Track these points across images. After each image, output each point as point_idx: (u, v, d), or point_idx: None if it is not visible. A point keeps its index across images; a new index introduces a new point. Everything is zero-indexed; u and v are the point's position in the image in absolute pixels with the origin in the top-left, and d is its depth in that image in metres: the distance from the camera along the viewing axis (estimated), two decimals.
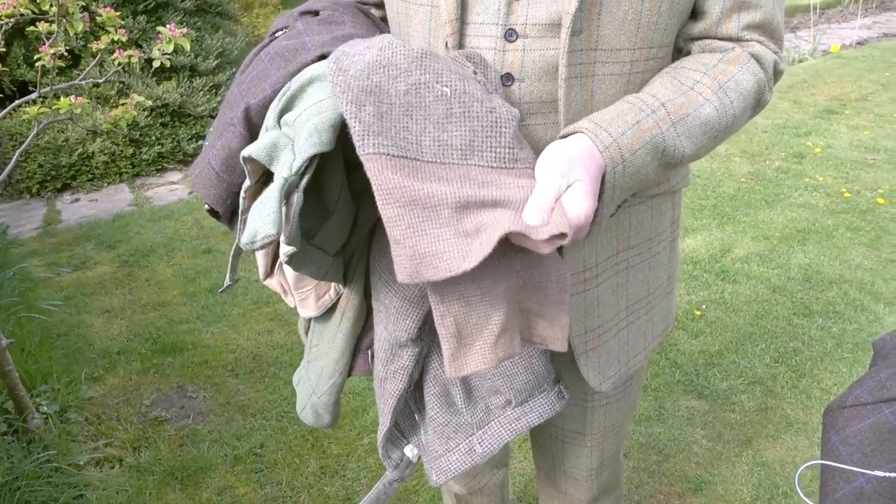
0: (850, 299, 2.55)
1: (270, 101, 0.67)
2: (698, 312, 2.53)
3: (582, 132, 0.66)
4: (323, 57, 0.67)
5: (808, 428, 1.95)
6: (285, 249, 0.62)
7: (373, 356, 0.85)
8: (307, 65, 0.66)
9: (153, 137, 4.35)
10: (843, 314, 2.47)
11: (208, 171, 0.71)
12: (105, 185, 4.24)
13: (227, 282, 0.80)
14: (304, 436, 2.02)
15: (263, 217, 0.56)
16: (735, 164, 3.89)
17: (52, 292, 2.90)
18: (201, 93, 4.51)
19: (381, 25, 0.81)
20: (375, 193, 0.54)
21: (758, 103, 0.77)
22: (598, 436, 0.97)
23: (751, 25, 0.75)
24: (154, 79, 4.32)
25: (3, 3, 1.55)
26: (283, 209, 0.57)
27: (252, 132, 0.69)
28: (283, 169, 0.58)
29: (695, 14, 0.77)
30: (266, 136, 0.62)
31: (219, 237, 3.41)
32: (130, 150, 4.27)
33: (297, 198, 0.58)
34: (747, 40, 0.76)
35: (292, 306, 0.83)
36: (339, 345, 0.80)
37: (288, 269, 0.76)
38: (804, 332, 2.39)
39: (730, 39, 0.76)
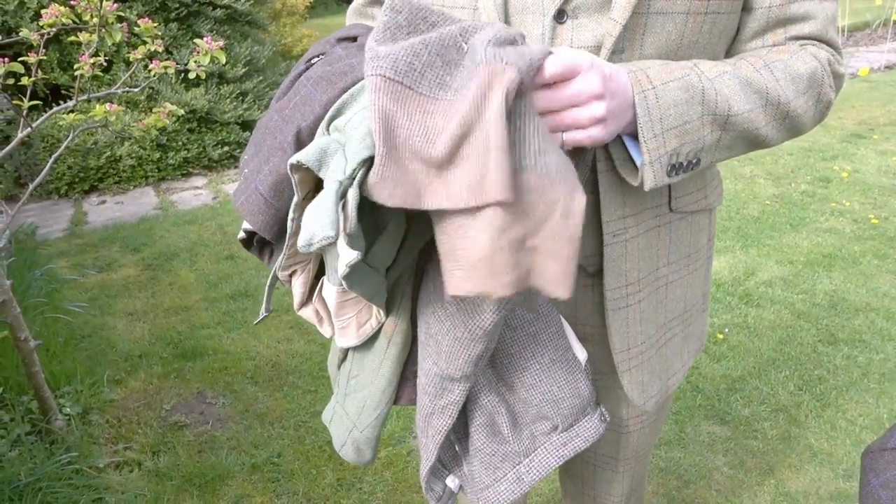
0: (876, 328, 2.51)
1: (321, 120, 0.66)
2: (721, 336, 2.50)
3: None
4: None
5: (833, 459, 1.92)
6: (347, 259, 0.60)
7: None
8: (357, 81, 0.65)
9: (180, 143, 4.42)
10: (870, 343, 2.43)
11: (256, 197, 0.69)
12: (131, 188, 4.31)
13: (262, 313, 0.79)
14: (321, 447, 2.02)
15: (321, 219, 0.55)
16: (760, 186, 3.85)
17: (78, 293, 2.94)
18: (228, 100, 4.58)
19: None
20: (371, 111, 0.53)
21: (819, 95, 0.73)
22: (630, 461, 0.96)
23: (800, 37, 0.74)
24: (182, 85, 4.39)
25: (46, 13, 1.59)
26: (341, 212, 0.55)
27: None
28: (337, 173, 0.57)
29: (738, 31, 0.76)
30: (315, 142, 0.61)
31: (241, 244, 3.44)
32: (157, 155, 4.34)
33: (353, 195, 0.56)
34: (802, 44, 0.74)
35: (328, 336, 0.80)
36: (387, 373, 0.77)
37: (329, 295, 0.75)
38: (829, 360, 2.35)
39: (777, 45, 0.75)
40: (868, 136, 4.62)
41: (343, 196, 0.56)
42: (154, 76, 1.77)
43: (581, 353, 0.78)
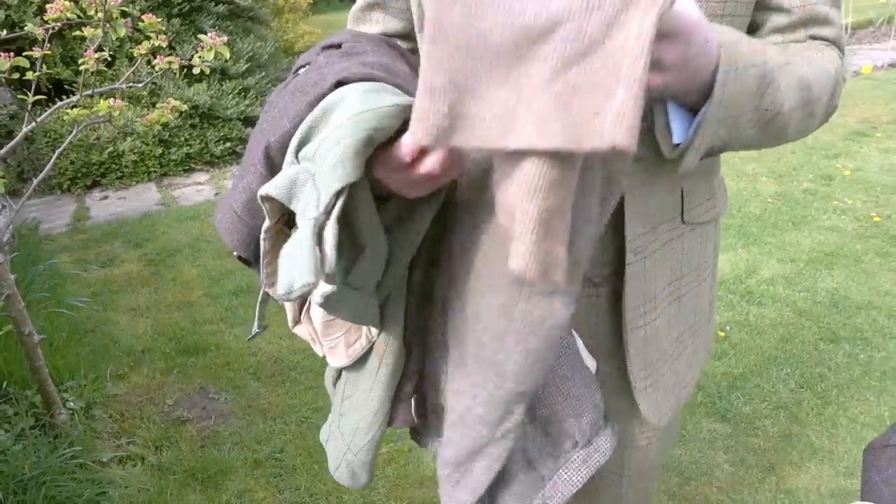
0: (878, 326, 2.51)
1: (290, 136, 0.62)
2: (722, 334, 2.50)
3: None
4: (340, 83, 0.62)
5: (834, 457, 1.92)
6: (322, 290, 0.58)
7: (417, 404, 0.79)
8: (325, 93, 0.62)
9: (182, 138, 4.42)
10: (871, 341, 2.43)
11: (230, 215, 0.66)
12: (133, 183, 4.32)
13: (255, 329, 0.75)
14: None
15: (299, 265, 0.53)
16: (762, 184, 3.85)
17: (81, 288, 2.95)
18: (230, 96, 4.58)
19: (408, 55, 0.78)
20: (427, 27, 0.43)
21: (831, 98, 0.70)
22: (635, 478, 0.94)
23: (817, 37, 0.73)
24: (185, 80, 4.39)
25: (51, 7, 1.59)
26: (317, 251, 0.53)
27: (272, 171, 0.64)
28: (310, 209, 0.54)
29: (757, 27, 0.73)
30: (284, 172, 0.58)
31: None
32: (159, 150, 4.34)
33: (331, 233, 0.53)
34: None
35: (321, 355, 0.78)
36: (378, 394, 0.74)
37: (316, 316, 0.72)
38: (830, 357, 2.35)
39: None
40: (871, 133, 4.61)
41: (319, 233, 0.53)
42: (158, 72, 1.77)
43: (591, 363, 0.76)
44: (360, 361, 0.75)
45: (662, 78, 0.51)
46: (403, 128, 0.54)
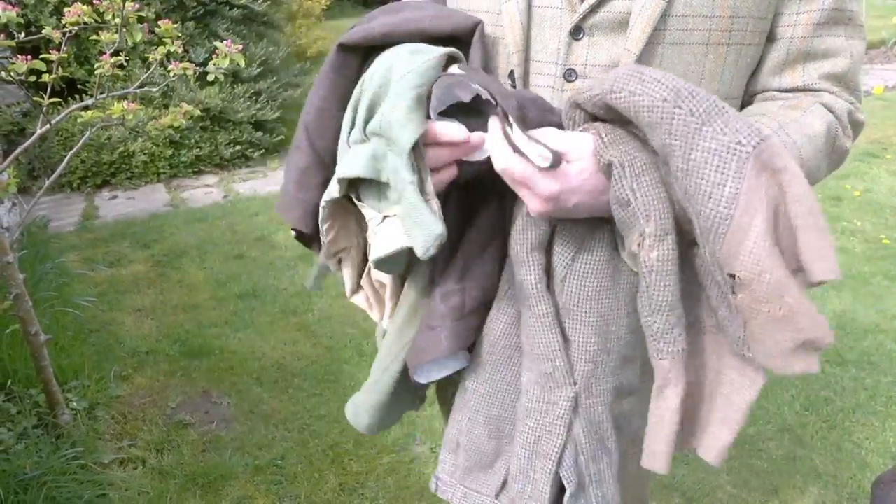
0: (885, 350, 2.49)
1: (320, 109, 0.71)
2: None
3: None
4: (341, 45, 0.70)
5: (838, 482, 1.91)
6: (436, 231, 0.61)
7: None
8: (333, 62, 0.71)
9: (192, 140, 4.44)
10: (878, 365, 2.41)
11: (287, 196, 0.74)
12: (143, 183, 4.34)
13: (311, 282, 0.82)
14: (324, 451, 2.02)
15: (426, 223, 0.58)
16: None
17: (87, 288, 2.96)
18: (242, 99, 4.60)
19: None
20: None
21: (832, 149, 0.70)
22: (628, 484, 0.95)
23: (821, 77, 0.71)
24: (197, 83, 4.41)
25: (69, 11, 1.60)
26: (432, 206, 0.59)
27: (313, 145, 0.72)
28: (404, 174, 0.60)
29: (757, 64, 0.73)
30: (360, 151, 0.63)
31: (251, 243, 3.46)
32: (169, 152, 4.37)
33: (431, 189, 0.60)
34: (816, 90, 0.72)
35: (378, 320, 0.81)
36: (389, 338, 0.77)
37: (387, 277, 0.76)
38: (836, 381, 2.34)
39: (794, 90, 0.72)
40: (881, 155, 4.59)
41: (423, 192, 0.60)
42: (173, 77, 1.79)
43: None
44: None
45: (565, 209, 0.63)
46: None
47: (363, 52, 0.72)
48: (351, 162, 0.63)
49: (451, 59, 0.67)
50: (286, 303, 2.85)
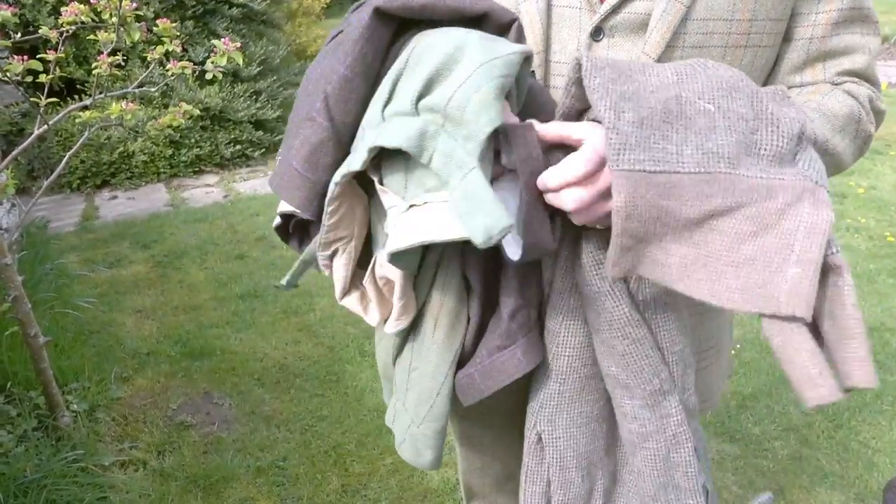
0: (891, 349, 2.48)
1: (345, 78, 0.63)
2: (732, 352, 2.47)
3: None
4: (378, 10, 0.63)
5: (844, 482, 1.89)
6: (504, 223, 0.56)
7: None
8: (366, 22, 0.63)
9: (192, 140, 4.43)
10: (884, 364, 2.39)
11: (290, 174, 0.66)
12: (143, 184, 4.32)
13: (286, 280, 0.75)
14: (326, 451, 2.01)
15: (490, 212, 0.54)
16: None
17: (87, 289, 2.94)
18: (241, 98, 4.59)
19: None
20: (621, 208, 0.54)
21: (856, 132, 0.71)
22: None
23: (840, 73, 0.72)
24: (197, 83, 4.40)
25: (66, 11, 1.59)
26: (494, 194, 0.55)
27: (333, 120, 0.64)
28: (465, 158, 0.56)
29: (776, 64, 0.73)
30: (406, 123, 0.58)
31: (252, 243, 3.44)
32: (169, 151, 4.35)
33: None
34: (838, 84, 0.72)
35: (374, 323, 0.74)
36: (433, 359, 0.71)
37: (398, 274, 0.68)
38: None
39: (815, 85, 0.72)
40: (885, 152, 4.57)
41: (490, 178, 0.57)
42: (172, 76, 1.77)
43: None
44: (417, 327, 0.73)
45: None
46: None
47: (395, 25, 0.66)
48: (391, 132, 0.58)
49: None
50: (287, 303, 2.84)
